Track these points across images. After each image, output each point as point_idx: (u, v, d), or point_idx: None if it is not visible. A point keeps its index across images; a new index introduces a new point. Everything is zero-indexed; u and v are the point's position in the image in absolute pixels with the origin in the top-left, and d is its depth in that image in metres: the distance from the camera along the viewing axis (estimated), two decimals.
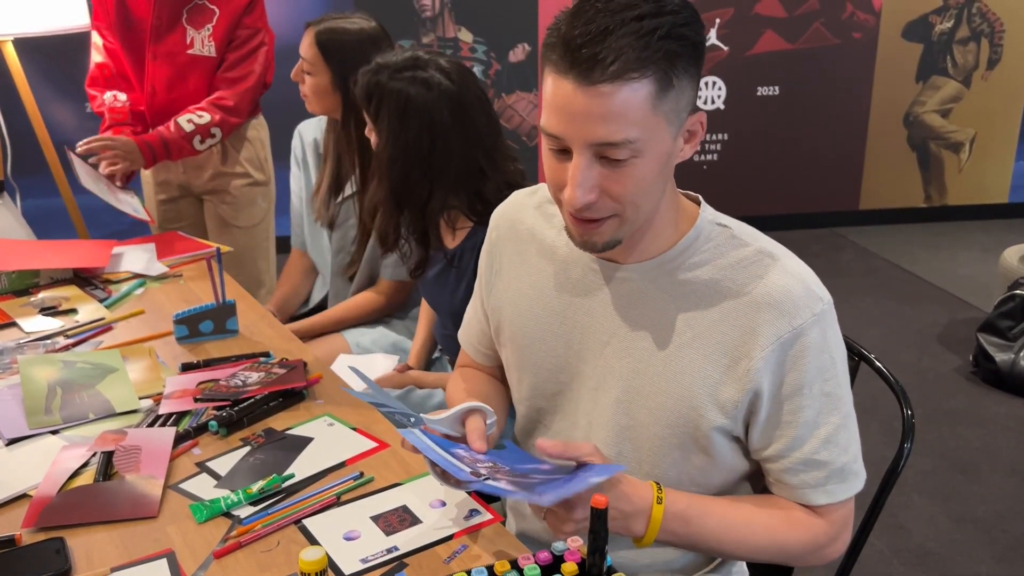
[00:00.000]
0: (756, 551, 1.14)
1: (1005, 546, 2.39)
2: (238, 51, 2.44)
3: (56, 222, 3.58)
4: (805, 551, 1.14)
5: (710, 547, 1.13)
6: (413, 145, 1.62)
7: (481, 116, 1.65)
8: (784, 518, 1.13)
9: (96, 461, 1.31)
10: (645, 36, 0.95)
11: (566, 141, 1.01)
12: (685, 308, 1.11)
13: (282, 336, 1.77)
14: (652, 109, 0.98)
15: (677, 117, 1.02)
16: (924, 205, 4.99)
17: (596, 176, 1.01)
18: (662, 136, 1.01)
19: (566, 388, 1.22)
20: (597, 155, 1.00)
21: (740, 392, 1.08)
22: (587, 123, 0.98)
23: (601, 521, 0.95)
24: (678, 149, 1.06)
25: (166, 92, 2.46)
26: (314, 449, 1.36)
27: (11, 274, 1.97)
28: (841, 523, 1.15)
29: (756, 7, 4.46)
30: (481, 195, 1.65)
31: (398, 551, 1.13)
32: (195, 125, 2.38)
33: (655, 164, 1.02)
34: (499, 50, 4.36)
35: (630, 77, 0.95)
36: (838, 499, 1.12)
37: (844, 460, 1.11)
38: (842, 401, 1.11)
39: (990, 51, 4.72)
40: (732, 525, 1.12)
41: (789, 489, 1.13)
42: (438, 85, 1.61)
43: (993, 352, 3.19)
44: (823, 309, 1.08)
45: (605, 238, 1.07)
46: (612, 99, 0.96)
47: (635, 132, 0.98)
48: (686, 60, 0.99)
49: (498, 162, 1.67)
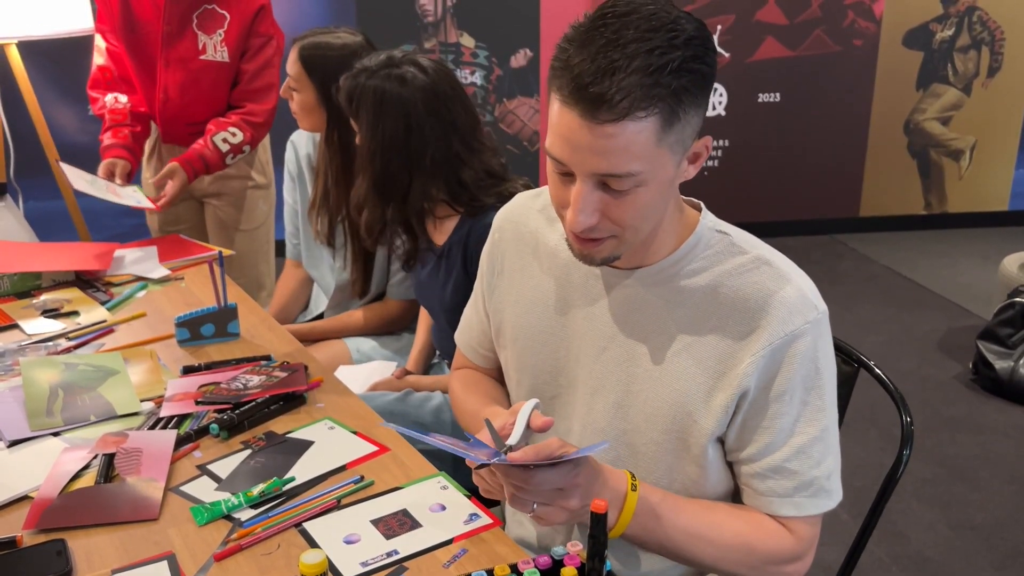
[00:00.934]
0: (723, 556, 1.12)
1: (1004, 554, 2.39)
2: (254, 61, 2.47)
3: (58, 224, 3.59)
4: (770, 561, 1.12)
5: (678, 547, 1.11)
6: (390, 136, 1.68)
7: (457, 105, 1.71)
8: (755, 525, 1.12)
9: (97, 463, 1.31)
10: (654, 73, 0.94)
11: (568, 166, 1.01)
12: (682, 314, 1.11)
13: (283, 340, 1.77)
14: (656, 143, 0.98)
15: (682, 146, 1.02)
16: (924, 212, 5.00)
17: (598, 202, 1.02)
18: (665, 165, 1.01)
19: (564, 392, 1.22)
20: (600, 183, 1.01)
21: (730, 396, 1.08)
22: (591, 156, 0.98)
23: (600, 525, 0.95)
24: (682, 172, 1.06)
25: (179, 97, 2.48)
26: (315, 452, 1.36)
27: (13, 276, 1.98)
28: (807, 542, 1.13)
29: (757, 14, 4.48)
30: (461, 182, 1.71)
31: (398, 555, 1.13)
32: (229, 145, 2.45)
33: (657, 191, 1.02)
34: (501, 55, 4.37)
35: (636, 116, 0.95)
36: (804, 513, 1.11)
37: (815, 474, 1.10)
38: (822, 414, 1.10)
39: (990, 59, 4.73)
40: (702, 526, 1.11)
41: (757, 497, 1.12)
42: (412, 79, 1.69)
43: (993, 360, 3.19)
44: (817, 318, 1.08)
45: (604, 255, 1.08)
46: (617, 138, 0.96)
47: (638, 166, 0.98)
48: (694, 93, 0.98)
49: (476, 149, 1.73)
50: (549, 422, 1.06)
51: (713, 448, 1.12)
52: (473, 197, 1.71)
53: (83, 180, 2.24)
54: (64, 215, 3.35)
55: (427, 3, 4.22)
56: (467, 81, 4.37)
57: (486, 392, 1.36)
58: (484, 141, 1.76)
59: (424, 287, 1.87)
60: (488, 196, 1.71)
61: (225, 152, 2.43)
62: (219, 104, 2.50)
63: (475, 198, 1.71)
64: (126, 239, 2.47)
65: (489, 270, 1.33)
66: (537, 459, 1.00)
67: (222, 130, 2.44)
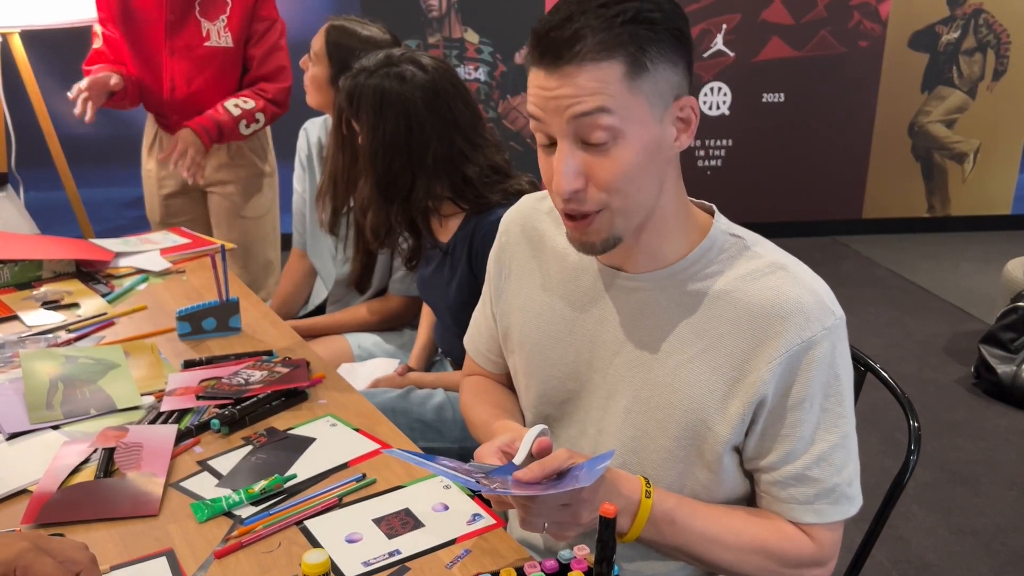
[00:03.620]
0: (741, 560, 1.11)
1: (1004, 559, 2.38)
2: (260, 46, 2.50)
3: (59, 215, 3.58)
4: (790, 567, 1.11)
5: (695, 551, 1.11)
6: (391, 135, 1.67)
7: (458, 102, 1.70)
8: (774, 530, 1.11)
9: (97, 458, 1.30)
10: (608, 20, 0.97)
11: (547, 127, 1.02)
12: (696, 319, 1.10)
13: (285, 335, 1.76)
14: (627, 88, 0.98)
15: (660, 99, 1.01)
16: (927, 215, 4.99)
17: (579, 163, 1.01)
18: (643, 118, 1.00)
19: (575, 396, 1.21)
20: (578, 140, 1.01)
21: (746, 404, 1.07)
22: (560, 103, 0.99)
23: (609, 530, 0.94)
24: (670, 138, 1.04)
25: (186, 85, 2.49)
26: (316, 450, 1.35)
27: (14, 267, 1.96)
28: (829, 548, 1.12)
29: (763, 14, 4.46)
30: (466, 179, 1.70)
31: (400, 554, 1.12)
32: (241, 110, 2.45)
33: (640, 148, 1.01)
34: (505, 51, 4.35)
35: (595, 59, 0.97)
36: (827, 520, 1.10)
37: (836, 481, 1.09)
38: (842, 420, 1.09)
39: (996, 62, 4.72)
40: (719, 530, 1.10)
41: (777, 503, 1.11)
42: (411, 77, 1.67)
43: (995, 364, 3.18)
44: (835, 324, 1.06)
45: (602, 236, 1.06)
46: (578, 77, 0.98)
47: (610, 103, 0.98)
48: (660, 45, 0.99)
49: (479, 145, 1.71)
50: (550, 451, 1.05)
51: (729, 456, 1.11)
52: (478, 194, 1.70)
53: (116, 244, 2.20)
54: (65, 206, 3.34)
55: None
56: (471, 77, 4.36)
57: (495, 401, 1.34)
58: (487, 137, 1.75)
59: (428, 284, 1.86)
60: (493, 193, 1.70)
61: (237, 116, 2.44)
62: (227, 91, 2.52)
63: (480, 195, 1.70)
64: (127, 231, 2.45)
65: (496, 273, 1.31)
66: (544, 474, 0.99)
67: (233, 98, 2.47)
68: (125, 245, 2.19)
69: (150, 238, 2.28)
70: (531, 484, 0.99)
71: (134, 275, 2.03)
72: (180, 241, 2.25)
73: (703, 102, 4.56)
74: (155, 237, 2.29)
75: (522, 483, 0.99)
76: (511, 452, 1.07)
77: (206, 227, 2.73)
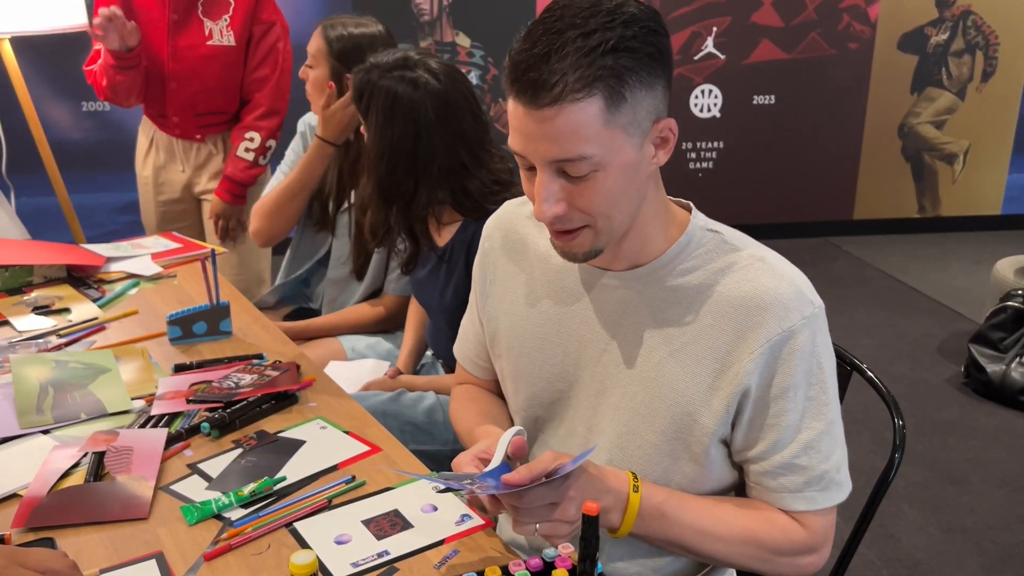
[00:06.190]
0: (733, 550, 1.12)
1: (994, 557, 2.40)
2: (257, 49, 2.53)
3: (51, 221, 3.57)
4: (783, 555, 1.12)
5: (686, 544, 1.12)
6: (398, 141, 1.67)
7: (467, 116, 1.69)
8: (764, 519, 1.12)
9: (87, 461, 1.31)
10: (588, 54, 0.96)
11: (527, 160, 1.03)
12: (677, 314, 1.11)
13: (276, 338, 1.77)
14: (604, 124, 0.98)
15: (638, 128, 1.01)
16: (918, 216, 5.01)
17: (560, 191, 1.03)
18: (622, 148, 1.01)
19: (564, 396, 1.22)
20: (558, 170, 1.02)
21: (730, 395, 1.08)
22: (541, 143, 1.00)
23: (592, 528, 0.95)
24: (648, 157, 1.05)
25: (189, 86, 2.51)
26: (306, 452, 1.36)
27: (4, 272, 1.96)
28: (821, 534, 1.13)
29: (753, 16, 4.48)
30: (466, 191, 1.70)
31: (389, 555, 1.13)
32: (252, 151, 2.54)
33: (619, 175, 1.02)
34: (496, 55, 4.36)
35: (574, 98, 0.96)
36: (817, 507, 1.11)
37: (825, 468, 1.10)
38: (827, 408, 1.10)
39: (985, 63, 4.75)
40: (710, 522, 1.11)
41: (768, 493, 1.12)
42: (425, 85, 1.66)
43: (985, 363, 3.20)
44: (814, 313, 1.08)
45: (584, 248, 1.08)
46: (557, 121, 0.97)
47: (589, 148, 0.99)
48: (640, 72, 0.98)
49: (483, 160, 1.71)
50: (524, 450, 1.07)
51: (716, 448, 1.12)
52: (477, 205, 1.70)
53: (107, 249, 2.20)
54: (57, 212, 3.33)
55: (423, 2, 4.22)
56: None
57: (482, 409, 1.35)
58: (492, 150, 1.74)
59: (423, 287, 1.86)
60: (494, 204, 1.70)
61: (252, 160, 2.54)
62: (229, 92, 2.54)
63: (479, 206, 1.70)
64: (119, 236, 2.46)
65: (481, 279, 1.32)
66: (532, 477, 1.00)
67: (241, 142, 2.54)
68: (116, 250, 2.20)
69: (141, 243, 2.28)
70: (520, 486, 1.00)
71: (125, 280, 2.03)
72: (171, 246, 2.26)
73: (694, 104, 4.57)
74: (146, 242, 2.29)
75: (511, 485, 0.99)
76: (487, 458, 1.08)
77: (202, 234, 2.73)
